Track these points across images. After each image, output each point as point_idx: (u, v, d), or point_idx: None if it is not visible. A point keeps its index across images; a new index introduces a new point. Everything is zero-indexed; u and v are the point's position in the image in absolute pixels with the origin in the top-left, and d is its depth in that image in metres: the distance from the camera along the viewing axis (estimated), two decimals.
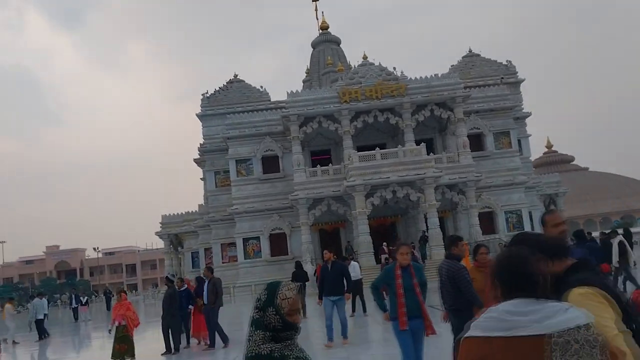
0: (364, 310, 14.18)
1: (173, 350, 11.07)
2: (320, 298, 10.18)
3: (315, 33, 54.90)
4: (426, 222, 31.54)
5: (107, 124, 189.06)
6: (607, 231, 16.03)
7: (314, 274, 24.98)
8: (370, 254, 28.68)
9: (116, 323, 10.65)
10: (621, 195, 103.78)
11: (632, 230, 30.14)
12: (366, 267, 25.23)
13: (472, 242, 31.36)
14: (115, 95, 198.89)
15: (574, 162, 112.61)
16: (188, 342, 11.92)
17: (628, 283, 13.29)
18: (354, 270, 14.51)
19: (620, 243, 13.43)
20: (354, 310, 14.33)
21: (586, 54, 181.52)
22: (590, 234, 22.53)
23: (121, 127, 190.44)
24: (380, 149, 31.06)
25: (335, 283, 10.07)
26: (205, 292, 11.06)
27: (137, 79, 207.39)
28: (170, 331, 11.11)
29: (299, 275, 17.18)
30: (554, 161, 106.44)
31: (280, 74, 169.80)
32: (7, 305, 18.85)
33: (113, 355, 10.70)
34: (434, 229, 29.76)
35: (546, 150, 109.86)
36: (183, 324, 11.68)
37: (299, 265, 17.60)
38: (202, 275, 12.16)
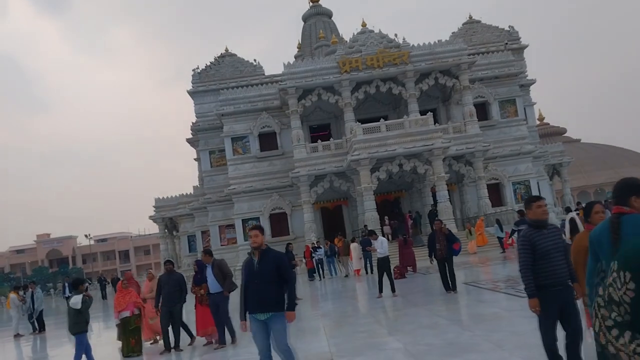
0: (393, 290, 12.77)
1: (173, 347, 9.27)
2: (244, 318, 5.53)
3: (305, 6, 53.05)
4: (434, 196, 30.20)
5: (96, 109, 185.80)
6: (603, 201, 15.96)
7: (303, 256, 23.74)
8: (377, 232, 27.25)
9: (127, 313, 9.15)
10: (614, 166, 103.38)
11: None
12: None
13: (474, 217, 30.15)
14: (103, 80, 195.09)
15: (566, 134, 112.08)
16: (192, 338, 9.85)
17: None
18: (382, 246, 13.07)
19: (571, 220, 12.94)
20: (380, 290, 12.91)
21: (581, 23, 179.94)
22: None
23: (110, 112, 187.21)
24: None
25: (264, 288, 5.35)
26: (209, 279, 8.98)
27: (125, 63, 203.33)
28: (171, 325, 9.25)
29: (289, 258, 15.99)
30: (547, 133, 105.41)
31: (272, 50, 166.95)
32: (12, 295, 17.22)
33: (128, 351, 9.12)
34: (443, 203, 28.39)
35: (538, 122, 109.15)
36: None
37: (287, 247, 16.91)
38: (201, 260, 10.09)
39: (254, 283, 5.37)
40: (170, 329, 9.31)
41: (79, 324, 8.08)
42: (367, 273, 21.09)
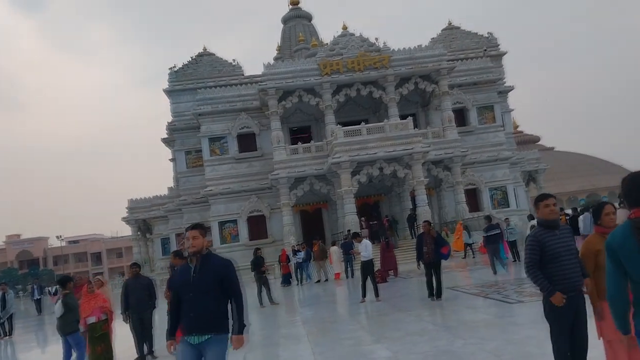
0: (376, 294, 12.51)
1: (147, 354, 8.75)
2: (171, 337, 4.49)
3: (285, 9, 52.74)
4: (413, 201, 30.15)
5: (70, 109, 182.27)
6: (579, 208, 16.38)
7: (278, 260, 22.87)
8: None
9: (93, 319, 8.55)
10: (587, 174, 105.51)
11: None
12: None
13: (451, 222, 30.16)
14: (78, 79, 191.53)
15: (540, 142, 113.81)
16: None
17: None
18: (366, 249, 12.78)
19: (532, 227, 13.69)
20: (364, 295, 12.63)
21: (555, 33, 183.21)
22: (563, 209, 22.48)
23: (84, 112, 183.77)
24: None
25: (202, 304, 4.18)
26: None
27: (101, 62, 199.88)
28: (143, 330, 8.69)
29: (258, 263, 15.52)
30: (521, 141, 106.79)
31: (251, 52, 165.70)
32: None
33: None
34: (422, 207, 28.35)
35: (512, 130, 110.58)
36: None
37: (256, 252, 15.96)
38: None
39: (189, 297, 4.19)
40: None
41: (70, 323, 7.72)
42: (347, 277, 20.83)
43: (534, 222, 14.59)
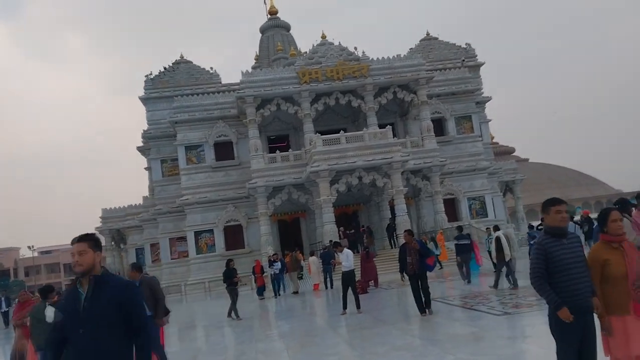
0: (358, 306, 12.12)
1: None
2: None
3: (263, 19, 52.43)
4: (391, 210, 29.91)
5: (44, 117, 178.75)
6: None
7: (252, 271, 21.96)
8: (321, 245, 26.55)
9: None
10: (561, 185, 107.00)
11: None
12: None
13: (430, 231, 30.04)
14: (53, 87, 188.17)
15: (514, 154, 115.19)
16: None
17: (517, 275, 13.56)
18: (347, 259, 12.39)
19: (497, 239, 13.91)
20: (345, 307, 12.21)
21: (531, 45, 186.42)
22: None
23: (59, 120, 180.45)
24: None
25: (94, 344, 3.12)
26: None
27: (77, 71, 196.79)
28: None
29: (229, 275, 14.92)
30: (497, 152, 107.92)
31: (228, 62, 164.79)
32: None
33: None
34: (401, 216, 28.10)
35: (490, 141, 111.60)
36: None
37: (228, 264, 15.20)
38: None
39: (77, 334, 3.12)
40: None
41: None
42: (326, 288, 20.41)
43: (500, 232, 14.45)
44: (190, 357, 9.43)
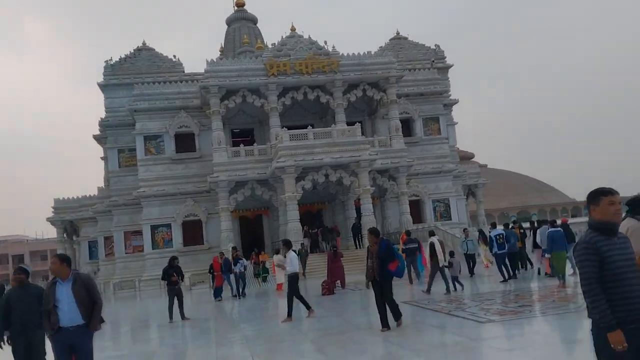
0: (308, 307, 11.29)
1: None
2: None
3: (230, 10, 51.10)
4: (357, 210, 29.27)
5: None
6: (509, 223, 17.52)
7: (209, 269, 19.65)
8: (299, 244, 25.69)
9: None
10: (519, 192, 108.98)
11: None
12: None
13: (394, 232, 29.52)
14: (7, 74, 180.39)
15: (474, 159, 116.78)
16: None
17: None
18: (292, 263, 11.49)
19: (431, 245, 14.01)
20: (289, 314, 11.14)
21: (491, 51, 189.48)
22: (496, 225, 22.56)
23: (12, 107, 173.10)
24: None
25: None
26: (63, 305, 5.34)
27: (35, 57, 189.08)
28: (32, 355, 6.21)
29: (167, 273, 13.69)
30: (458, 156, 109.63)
31: (192, 53, 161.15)
32: None
33: None
34: (367, 216, 27.48)
35: (456, 143, 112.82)
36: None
37: (171, 261, 13.94)
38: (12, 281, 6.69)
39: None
40: None
41: None
42: None
43: (434, 238, 14.40)
44: None
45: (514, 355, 6.29)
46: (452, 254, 14.44)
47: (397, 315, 8.85)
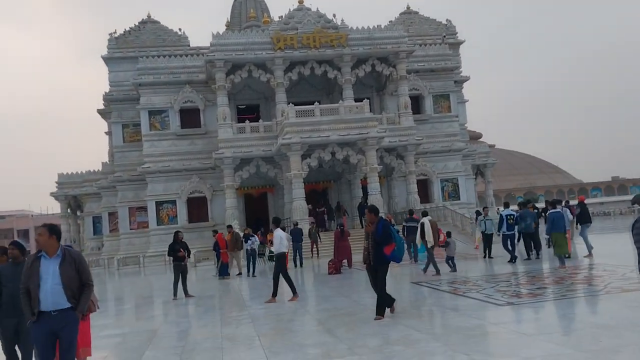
0: (294, 292, 10.88)
1: None
2: None
3: None
4: (364, 189, 28.76)
5: (3, 78, 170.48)
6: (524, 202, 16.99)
7: (214, 246, 18.66)
8: (305, 222, 25.27)
9: None
10: (524, 173, 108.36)
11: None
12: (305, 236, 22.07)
13: (401, 212, 28.96)
14: (14, 49, 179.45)
15: (481, 139, 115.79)
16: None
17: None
18: (280, 242, 11.03)
19: (421, 225, 13.72)
20: (274, 294, 10.88)
21: (507, 32, 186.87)
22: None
23: (18, 82, 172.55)
24: None
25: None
26: (47, 286, 4.59)
27: (41, 32, 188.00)
28: (18, 342, 5.46)
29: (174, 249, 13.35)
30: None
31: (198, 27, 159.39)
32: None
33: None
34: (374, 195, 26.93)
35: (466, 122, 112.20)
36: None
37: (176, 235, 13.54)
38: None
39: None
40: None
41: None
42: (295, 266, 19.19)
43: (425, 219, 13.94)
44: (145, 340, 8.04)
45: (540, 340, 5.83)
46: (449, 234, 14.39)
47: (380, 310, 7.92)
